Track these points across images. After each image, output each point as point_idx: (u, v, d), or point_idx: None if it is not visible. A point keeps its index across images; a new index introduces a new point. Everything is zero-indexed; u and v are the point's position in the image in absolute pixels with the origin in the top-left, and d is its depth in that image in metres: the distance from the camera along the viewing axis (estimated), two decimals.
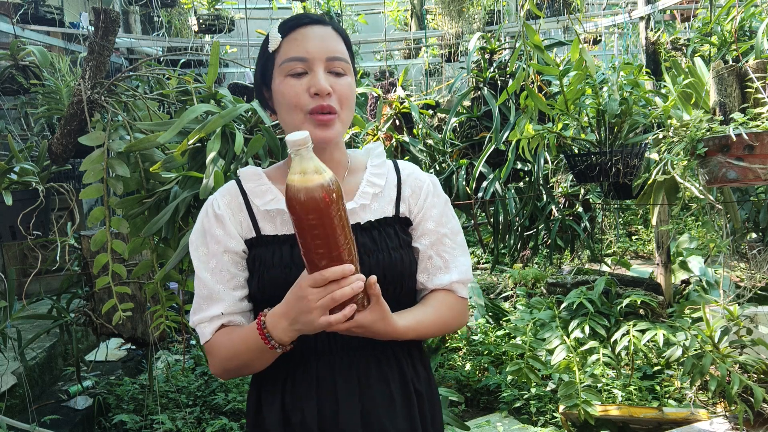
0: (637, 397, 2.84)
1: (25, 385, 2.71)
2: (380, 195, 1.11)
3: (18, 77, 2.90)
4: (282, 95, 1.02)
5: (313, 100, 1.00)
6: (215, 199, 1.09)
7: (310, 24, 1.02)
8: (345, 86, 1.03)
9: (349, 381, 1.03)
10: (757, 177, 1.79)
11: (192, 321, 1.07)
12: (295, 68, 1.00)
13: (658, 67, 3.47)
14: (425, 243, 1.11)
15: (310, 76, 1.00)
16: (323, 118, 1.00)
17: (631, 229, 5.99)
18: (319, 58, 1.00)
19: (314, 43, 1.01)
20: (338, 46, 1.03)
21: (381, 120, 2.67)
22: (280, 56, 1.02)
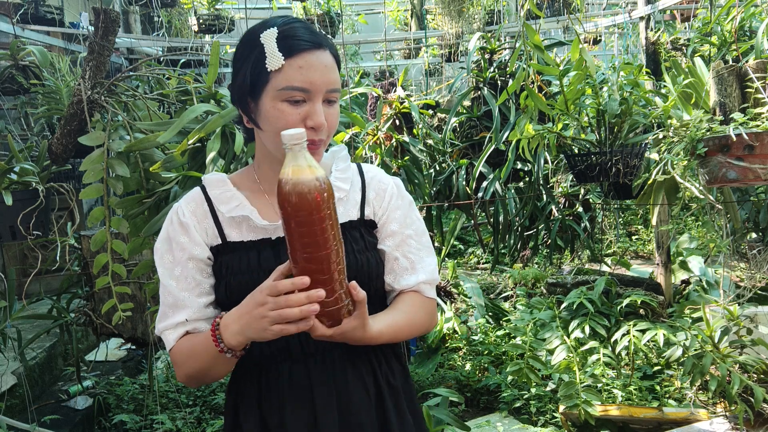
0: (637, 397, 2.84)
1: (25, 385, 2.72)
2: (345, 199, 1.11)
3: (18, 77, 2.90)
4: (275, 119, 0.99)
5: (309, 132, 0.98)
6: (180, 206, 1.09)
7: (312, 49, 0.98)
8: (335, 115, 1.03)
9: (325, 384, 1.03)
10: (757, 177, 1.79)
11: (157, 329, 1.08)
12: (295, 96, 0.97)
13: (658, 67, 3.47)
14: (390, 244, 1.12)
15: (308, 106, 0.98)
16: (312, 148, 0.99)
17: (631, 229, 5.99)
18: (320, 91, 0.98)
19: (318, 74, 0.98)
20: (336, 76, 1.02)
21: (381, 120, 2.67)
22: (280, 80, 0.97)
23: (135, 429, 2.98)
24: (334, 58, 1.03)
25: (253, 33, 1.01)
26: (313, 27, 1.05)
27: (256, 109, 1.03)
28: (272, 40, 0.98)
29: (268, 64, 0.97)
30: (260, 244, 1.06)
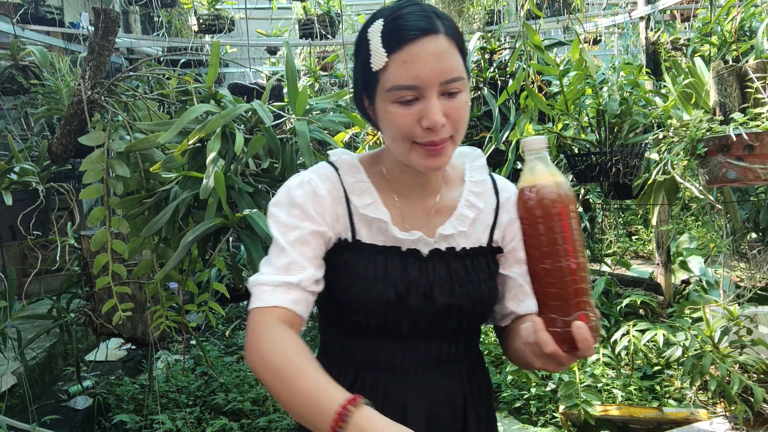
0: (637, 397, 2.84)
1: (25, 385, 2.71)
2: (477, 220, 1.02)
3: (18, 77, 2.90)
4: (389, 123, 0.89)
5: (426, 133, 0.87)
6: (314, 179, 0.98)
7: (419, 37, 0.85)
8: (459, 107, 0.88)
9: (419, 400, 0.99)
10: (757, 177, 1.79)
11: (253, 279, 0.92)
12: (405, 96, 0.86)
13: (658, 67, 3.47)
14: (517, 272, 1.04)
15: (421, 104, 0.86)
16: (433, 149, 0.89)
17: (631, 229, 5.99)
18: (433, 84, 0.85)
19: (427, 65, 0.85)
20: (454, 63, 0.87)
21: None
22: (386, 80, 0.87)
23: (135, 429, 2.98)
24: (452, 41, 0.88)
25: (364, 27, 0.91)
26: (430, 8, 0.89)
27: (373, 110, 0.94)
28: (377, 36, 0.87)
29: (373, 64, 0.87)
30: (390, 251, 0.98)
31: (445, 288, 0.97)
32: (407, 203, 1.02)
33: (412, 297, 0.96)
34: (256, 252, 1.51)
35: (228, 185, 1.54)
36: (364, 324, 0.97)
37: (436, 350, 1.01)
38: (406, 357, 0.99)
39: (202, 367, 3.72)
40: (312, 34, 4.87)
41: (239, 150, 1.56)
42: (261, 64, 6.42)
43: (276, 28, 5.94)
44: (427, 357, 0.99)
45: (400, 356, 0.99)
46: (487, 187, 1.06)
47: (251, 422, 3.06)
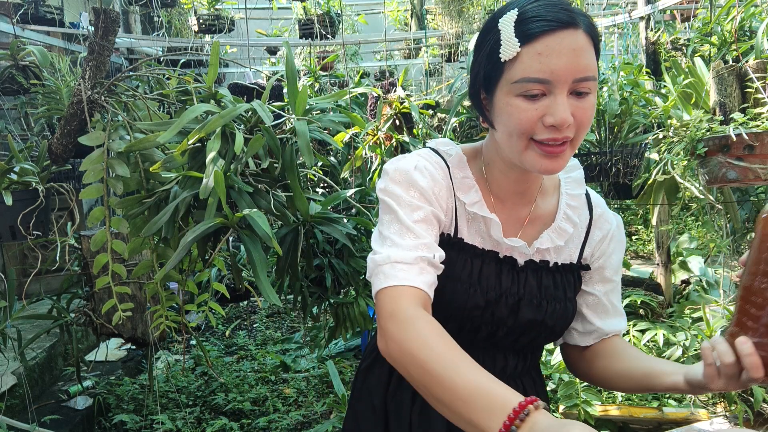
0: (637, 397, 2.85)
1: (25, 385, 2.71)
2: (572, 237, 1.00)
3: (18, 77, 2.90)
4: (508, 116, 0.83)
5: (547, 131, 0.82)
6: (428, 165, 0.94)
7: (558, 29, 0.79)
8: (587, 110, 0.83)
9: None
10: (757, 177, 1.79)
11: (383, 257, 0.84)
12: (532, 90, 0.80)
13: (658, 67, 3.47)
14: (601, 290, 1.02)
15: (548, 100, 0.81)
16: (552, 151, 0.83)
17: (631, 229, 5.99)
18: (565, 81, 0.80)
19: (562, 61, 0.79)
20: (589, 60, 0.81)
21: (381, 120, 2.67)
22: (515, 71, 0.81)
23: (135, 429, 2.98)
24: (590, 38, 0.82)
25: (493, 17, 0.86)
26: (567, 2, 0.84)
27: (490, 105, 0.88)
28: (510, 25, 0.81)
29: (502, 54, 0.82)
30: (488, 255, 0.95)
31: (533, 303, 0.95)
32: (503, 208, 0.98)
33: (500, 307, 0.93)
34: (256, 252, 1.51)
35: (228, 185, 1.54)
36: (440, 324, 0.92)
37: (502, 362, 0.98)
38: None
39: (202, 367, 3.72)
40: (312, 34, 4.87)
41: (239, 150, 1.56)
42: (261, 64, 6.42)
43: (276, 28, 5.94)
44: (492, 368, 0.93)
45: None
46: (583, 202, 1.03)
47: (251, 422, 3.06)
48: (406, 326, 0.76)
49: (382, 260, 0.84)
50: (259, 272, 1.47)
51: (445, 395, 0.69)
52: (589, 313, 1.02)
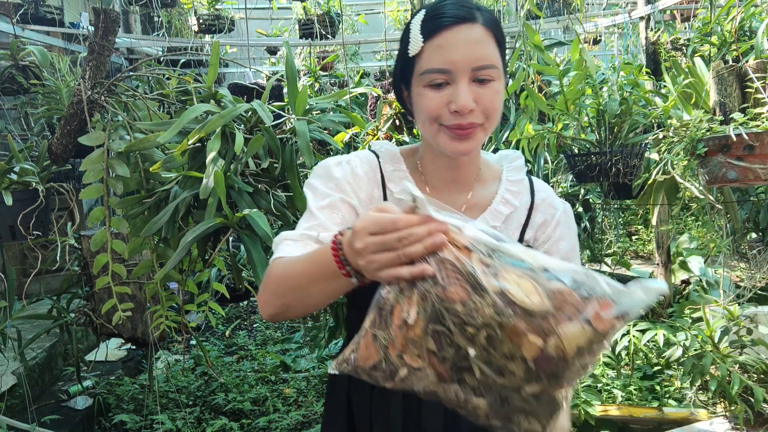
0: (637, 397, 2.84)
1: (25, 385, 2.71)
2: (510, 217, 1.02)
3: (18, 77, 2.90)
4: (420, 106, 0.93)
5: (453, 116, 0.89)
6: (353, 160, 1.02)
7: (456, 24, 0.88)
8: (491, 95, 0.90)
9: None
10: (757, 177, 1.79)
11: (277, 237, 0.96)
12: (436, 79, 0.89)
13: (658, 67, 3.47)
14: None
15: (452, 88, 0.89)
16: (461, 133, 0.90)
17: (631, 229, 5.99)
18: (464, 69, 0.88)
19: (459, 51, 0.87)
20: (487, 50, 0.89)
21: (381, 120, 2.67)
22: (421, 64, 0.91)
23: (135, 429, 2.98)
24: (489, 31, 0.90)
25: (409, 20, 0.95)
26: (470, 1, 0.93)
27: (409, 98, 0.98)
28: (417, 24, 0.92)
29: (410, 50, 0.92)
30: None
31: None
32: (438, 197, 1.02)
33: None
34: (255, 252, 1.51)
35: (228, 185, 1.54)
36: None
37: None
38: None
39: (202, 367, 3.72)
40: (312, 34, 4.87)
41: (239, 150, 1.56)
42: (261, 64, 6.42)
43: (276, 28, 5.94)
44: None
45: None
46: (524, 186, 1.06)
47: (251, 422, 3.06)
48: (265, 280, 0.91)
49: (278, 239, 0.95)
50: (259, 272, 1.47)
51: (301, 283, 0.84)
52: None
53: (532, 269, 0.63)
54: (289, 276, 0.86)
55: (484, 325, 0.61)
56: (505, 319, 0.61)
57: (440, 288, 0.63)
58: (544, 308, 0.61)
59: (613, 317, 0.62)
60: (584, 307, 0.62)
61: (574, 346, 0.61)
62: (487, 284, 0.62)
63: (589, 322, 0.61)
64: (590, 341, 0.62)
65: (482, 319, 0.61)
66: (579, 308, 0.62)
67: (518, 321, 0.61)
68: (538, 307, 0.61)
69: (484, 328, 0.61)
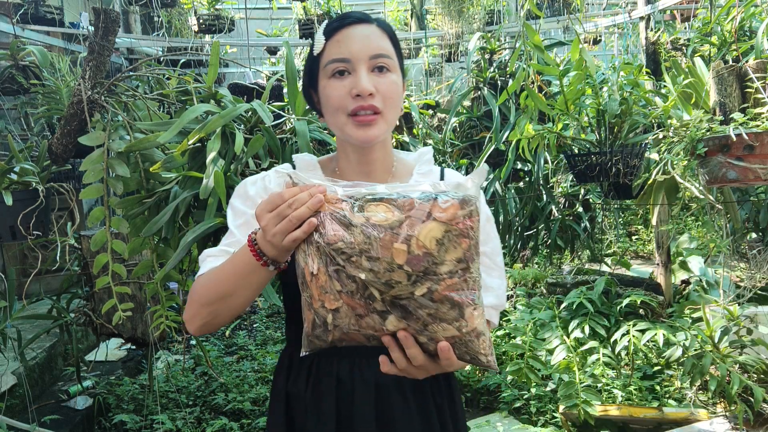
0: (637, 397, 2.84)
1: (25, 385, 2.71)
2: None
3: (18, 77, 2.90)
4: (326, 97, 1.01)
5: (355, 101, 0.98)
6: (270, 176, 1.10)
7: (353, 24, 1.01)
8: (389, 84, 1.00)
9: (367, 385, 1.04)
10: (757, 177, 1.79)
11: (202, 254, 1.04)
12: (338, 68, 0.99)
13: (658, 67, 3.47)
14: None
15: (352, 76, 0.99)
16: (364, 119, 0.99)
17: (631, 229, 5.99)
18: (362, 58, 0.98)
19: (357, 42, 0.99)
20: (382, 44, 1.01)
21: None
22: (324, 58, 1.01)
23: (135, 429, 2.98)
24: (385, 32, 1.03)
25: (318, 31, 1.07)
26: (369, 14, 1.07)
27: (318, 99, 1.06)
28: (321, 29, 1.03)
29: (315, 49, 1.02)
30: None
31: None
32: None
33: None
34: None
35: (228, 185, 1.54)
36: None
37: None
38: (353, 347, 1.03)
39: (202, 367, 3.72)
40: (312, 34, 4.86)
41: (239, 150, 1.56)
42: (261, 64, 6.42)
43: (276, 28, 5.93)
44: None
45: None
46: (434, 175, 1.13)
47: (251, 422, 3.06)
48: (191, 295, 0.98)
49: (202, 257, 1.03)
50: None
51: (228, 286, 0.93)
52: None
53: (388, 196, 0.78)
54: (216, 282, 0.94)
55: (362, 251, 0.75)
56: (373, 240, 0.75)
57: (324, 236, 0.77)
58: (396, 219, 0.76)
59: (452, 206, 0.76)
60: (429, 208, 0.76)
61: (431, 239, 0.75)
62: (354, 219, 0.76)
63: (435, 218, 0.75)
64: (444, 232, 0.75)
65: (359, 247, 0.75)
66: (425, 210, 0.76)
67: (383, 237, 0.75)
68: (392, 220, 0.76)
69: (363, 253, 0.75)
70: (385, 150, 1.09)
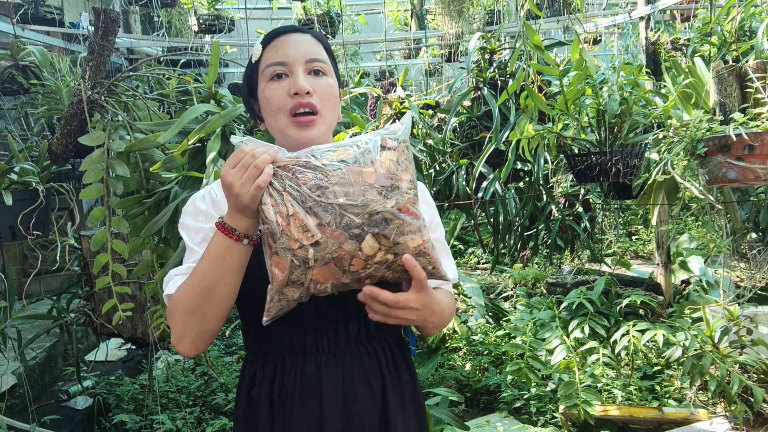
0: (637, 397, 2.84)
1: (25, 385, 2.72)
2: None
3: (18, 77, 2.90)
4: (266, 100, 1.05)
5: (293, 99, 1.03)
6: (213, 188, 1.13)
7: (289, 32, 1.07)
8: (326, 86, 1.06)
9: (334, 381, 1.05)
10: (757, 177, 1.79)
11: (167, 275, 1.06)
12: (276, 71, 1.04)
13: (658, 67, 3.47)
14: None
15: (290, 78, 1.04)
16: (304, 120, 1.03)
17: (631, 229, 5.99)
18: (298, 61, 1.04)
19: (293, 47, 1.05)
20: (317, 49, 1.07)
21: (381, 120, 2.67)
22: (262, 63, 1.06)
23: (135, 429, 2.98)
24: (318, 41, 1.09)
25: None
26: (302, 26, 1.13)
27: (259, 105, 1.10)
28: (258, 42, 1.09)
29: (253, 58, 1.09)
30: None
31: None
32: None
33: None
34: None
35: None
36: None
37: (344, 330, 1.08)
38: (318, 339, 1.06)
39: (202, 367, 3.72)
40: None
41: None
42: None
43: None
44: (336, 338, 1.07)
45: (312, 339, 1.06)
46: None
47: None
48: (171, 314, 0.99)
49: (168, 277, 1.06)
50: None
51: (208, 281, 0.95)
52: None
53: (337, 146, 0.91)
54: (194, 282, 0.96)
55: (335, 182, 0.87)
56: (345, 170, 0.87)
57: (295, 178, 0.87)
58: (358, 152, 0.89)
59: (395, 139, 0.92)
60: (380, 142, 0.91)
61: (390, 161, 0.90)
62: (318, 162, 0.88)
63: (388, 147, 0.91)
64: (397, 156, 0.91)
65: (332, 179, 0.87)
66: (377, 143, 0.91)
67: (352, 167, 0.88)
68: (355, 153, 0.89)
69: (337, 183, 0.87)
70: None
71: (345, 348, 1.08)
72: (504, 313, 3.93)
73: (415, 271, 0.91)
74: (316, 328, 1.07)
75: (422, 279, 0.92)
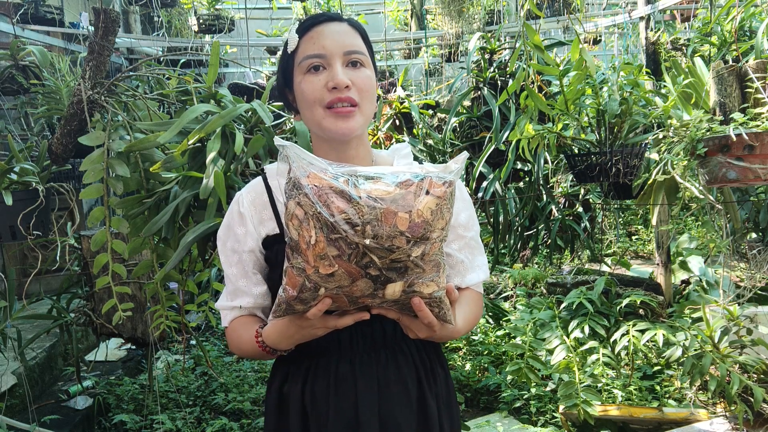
0: (637, 397, 2.84)
1: (25, 385, 2.71)
2: None
3: (18, 77, 2.90)
4: (302, 93, 1.03)
5: (331, 93, 1.00)
6: (241, 196, 1.11)
7: (325, 21, 1.04)
8: (364, 78, 1.03)
9: (369, 380, 1.05)
10: (757, 177, 1.79)
11: (216, 305, 1.14)
12: (313, 63, 1.01)
13: (658, 67, 3.47)
14: (455, 247, 1.12)
15: (328, 71, 1.01)
16: (343, 111, 1.01)
17: (631, 229, 5.99)
18: (336, 53, 1.01)
19: (331, 38, 1.01)
20: (355, 41, 1.04)
21: (381, 120, 2.67)
22: (299, 55, 1.03)
23: (135, 429, 2.98)
24: (357, 30, 1.06)
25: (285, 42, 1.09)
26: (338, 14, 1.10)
27: (294, 97, 1.08)
28: (293, 29, 1.06)
29: (289, 48, 1.05)
30: None
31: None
32: None
33: None
34: None
35: (228, 185, 1.54)
36: None
37: (379, 329, 1.07)
38: (353, 338, 1.06)
39: (202, 367, 3.72)
40: None
41: (239, 150, 1.56)
42: (261, 64, 6.42)
43: (276, 28, 5.93)
44: (371, 337, 1.06)
45: (347, 338, 1.06)
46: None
47: (251, 422, 3.06)
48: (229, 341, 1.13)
49: (218, 308, 1.14)
50: None
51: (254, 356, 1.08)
52: (453, 273, 1.12)
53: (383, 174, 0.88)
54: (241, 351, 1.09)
55: (366, 221, 0.83)
56: (378, 210, 0.83)
57: (326, 206, 0.83)
58: (397, 192, 0.85)
59: (443, 184, 0.88)
60: (426, 185, 0.87)
61: (429, 210, 0.86)
62: (354, 193, 0.84)
63: (431, 193, 0.87)
64: (437, 204, 0.87)
65: (363, 217, 0.83)
66: (423, 186, 0.87)
67: (387, 208, 0.84)
68: (394, 194, 0.85)
69: (367, 223, 0.83)
70: (361, 146, 1.10)
71: (380, 346, 1.07)
72: (504, 313, 3.92)
73: (421, 314, 0.90)
74: (352, 326, 1.05)
75: (429, 322, 0.92)
